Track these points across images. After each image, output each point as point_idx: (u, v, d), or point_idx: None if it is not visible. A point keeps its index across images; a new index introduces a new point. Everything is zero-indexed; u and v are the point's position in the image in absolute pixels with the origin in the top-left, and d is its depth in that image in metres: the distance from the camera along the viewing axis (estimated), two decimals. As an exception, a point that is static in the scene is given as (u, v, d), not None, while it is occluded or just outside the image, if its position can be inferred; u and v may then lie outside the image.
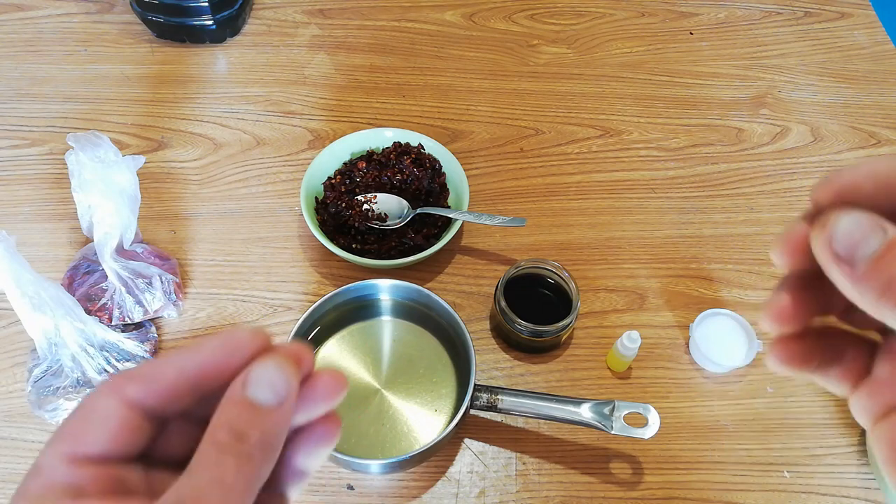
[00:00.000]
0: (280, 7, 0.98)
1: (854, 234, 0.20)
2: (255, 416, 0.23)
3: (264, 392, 0.23)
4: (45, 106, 0.86)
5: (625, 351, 0.65)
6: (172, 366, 0.24)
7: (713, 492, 0.62)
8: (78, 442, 0.24)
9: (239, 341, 0.24)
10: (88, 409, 0.24)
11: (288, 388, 0.23)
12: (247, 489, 0.23)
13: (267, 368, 0.23)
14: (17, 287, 0.57)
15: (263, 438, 0.23)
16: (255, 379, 0.23)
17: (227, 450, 0.22)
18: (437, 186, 0.76)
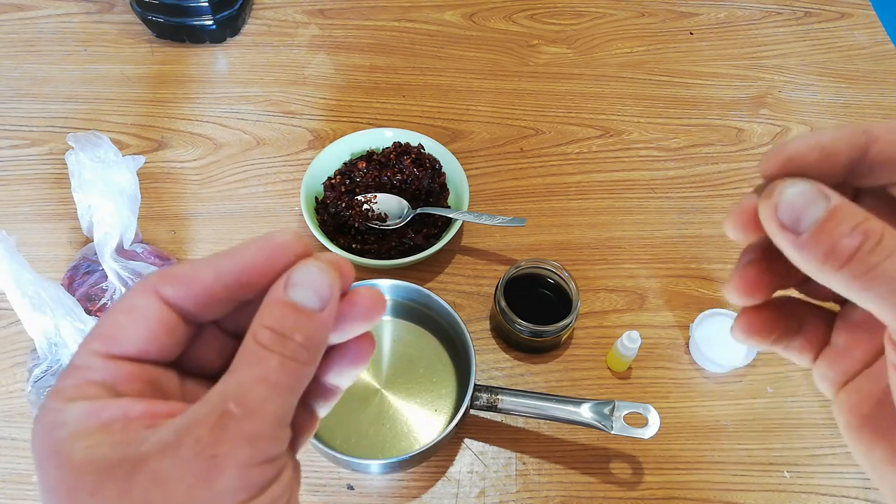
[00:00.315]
0: (280, 7, 0.98)
1: (798, 202, 0.21)
2: (299, 318, 0.22)
3: (307, 294, 0.22)
4: (45, 106, 0.86)
5: (625, 351, 0.65)
6: (211, 267, 0.23)
7: (713, 492, 0.62)
8: (114, 340, 0.23)
9: (280, 244, 0.24)
10: (125, 308, 0.23)
11: (330, 293, 0.23)
12: (291, 389, 0.22)
13: (310, 271, 0.23)
14: (17, 287, 0.57)
15: (306, 341, 0.22)
16: (297, 280, 0.23)
17: (271, 348, 0.22)
18: (437, 186, 0.76)
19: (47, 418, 0.22)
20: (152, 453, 0.21)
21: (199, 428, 0.21)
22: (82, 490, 0.21)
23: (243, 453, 0.21)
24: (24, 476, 0.62)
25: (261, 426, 0.21)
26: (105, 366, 0.23)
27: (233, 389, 0.21)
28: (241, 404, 0.21)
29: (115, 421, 0.22)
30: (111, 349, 0.23)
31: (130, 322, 0.23)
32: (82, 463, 0.21)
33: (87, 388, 0.22)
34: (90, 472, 0.21)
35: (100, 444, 0.21)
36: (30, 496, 0.61)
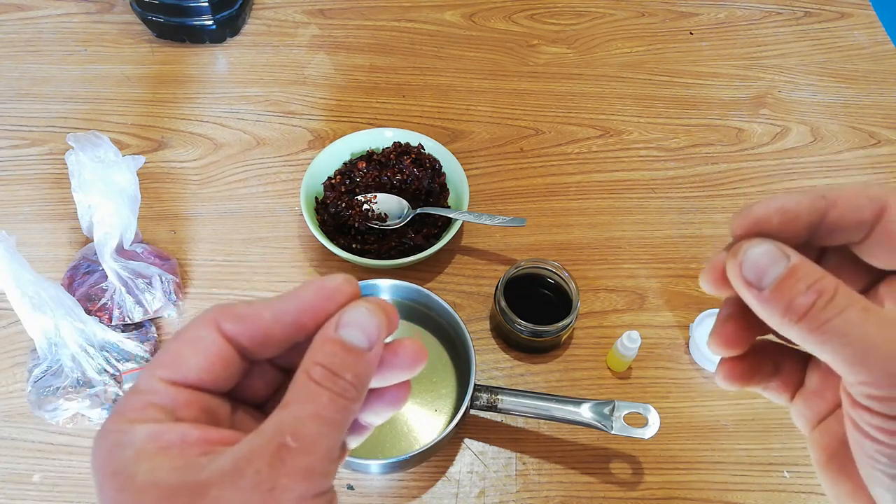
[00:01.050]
0: (280, 7, 0.98)
1: (761, 261, 0.23)
2: (348, 357, 0.23)
3: (356, 334, 0.24)
4: (45, 106, 0.86)
5: (625, 351, 0.65)
6: (270, 309, 0.25)
7: (713, 492, 0.62)
8: (177, 367, 0.24)
9: (333, 288, 0.25)
10: (188, 338, 0.25)
11: (378, 334, 0.24)
12: (340, 425, 0.23)
13: (360, 312, 0.24)
14: (17, 287, 0.57)
15: (354, 379, 0.23)
16: (348, 321, 0.24)
17: (323, 384, 0.23)
18: (437, 186, 0.76)
19: (110, 438, 0.23)
20: (213, 481, 0.22)
21: (257, 460, 0.22)
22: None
23: (300, 487, 0.22)
24: (24, 476, 0.62)
25: (315, 460, 0.22)
26: (167, 391, 0.24)
27: (288, 423, 0.23)
28: (297, 438, 0.22)
29: (174, 445, 0.23)
30: (173, 376, 0.24)
31: (192, 352, 0.25)
32: (144, 485, 0.22)
33: (149, 411, 0.24)
34: (152, 495, 0.22)
35: (161, 467, 0.22)
36: (30, 496, 0.61)
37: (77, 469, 0.62)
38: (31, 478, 0.62)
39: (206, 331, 0.25)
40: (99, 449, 0.23)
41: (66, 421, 0.63)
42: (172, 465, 0.22)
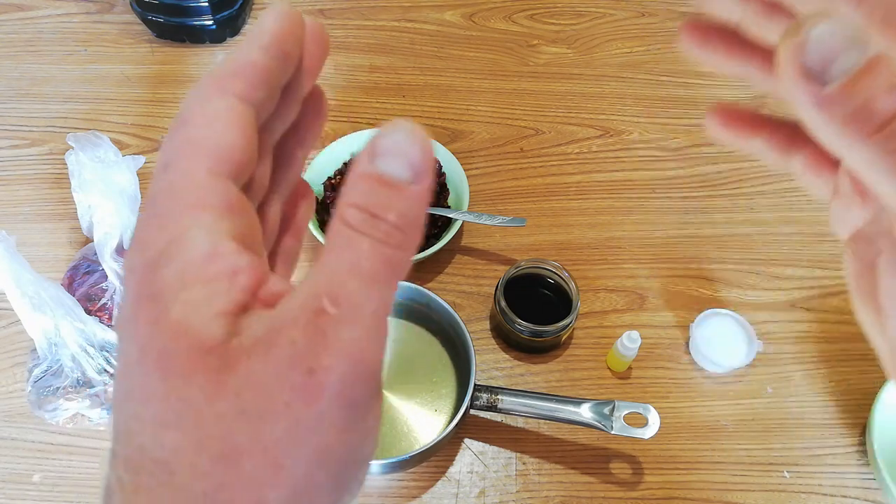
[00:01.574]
0: (280, 7, 0.98)
1: (831, 42, 0.17)
2: (390, 193, 0.19)
3: (396, 164, 0.19)
4: (45, 106, 0.86)
5: (625, 351, 0.65)
6: (256, 47, 0.20)
7: (713, 492, 0.62)
8: (218, 151, 0.19)
9: (290, 12, 0.21)
10: (208, 116, 0.19)
11: (424, 161, 0.19)
12: (389, 280, 0.19)
13: (397, 136, 0.19)
14: (17, 287, 0.57)
15: (401, 220, 0.18)
16: (384, 148, 0.19)
17: (361, 230, 0.18)
18: (437, 186, 0.76)
19: (156, 243, 0.18)
20: (245, 350, 0.18)
21: (292, 329, 0.18)
22: (173, 369, 0.18)
23: (344, 368, 0.18)
24: (24, 476, 0.62)
25: (361, 331, 0.18)
26: (216, 187, 0.19)
27: (325, 281, 0.18)
28: (336, 301, 0.18)
29: (222, 277, 0.18)
30: (219, 165, 0.19)
31: (223, 128, 0.19)
32: (178, 327, 0.18)
33: (205, 214, 0.19)
34: (181, 344, 0.18)
35: (200, 307, 0.18)
36: (30, 496, 0.61)
37: (77, 469, 0.62)
38: (31, 478, 0.62)
39: (221, 101, 0.20)
40: (138, 255, 0.19)
41: (66, 421, 0.63)
42: (214, 310, 0.18)
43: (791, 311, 0.73)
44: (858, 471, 0.64)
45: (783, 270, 0.76)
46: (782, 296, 0.74)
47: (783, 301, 0.73)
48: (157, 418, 0.18)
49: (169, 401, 0.18)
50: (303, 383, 0.17)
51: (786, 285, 0.75)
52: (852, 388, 0.68)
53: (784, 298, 0.74)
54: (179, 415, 0.17)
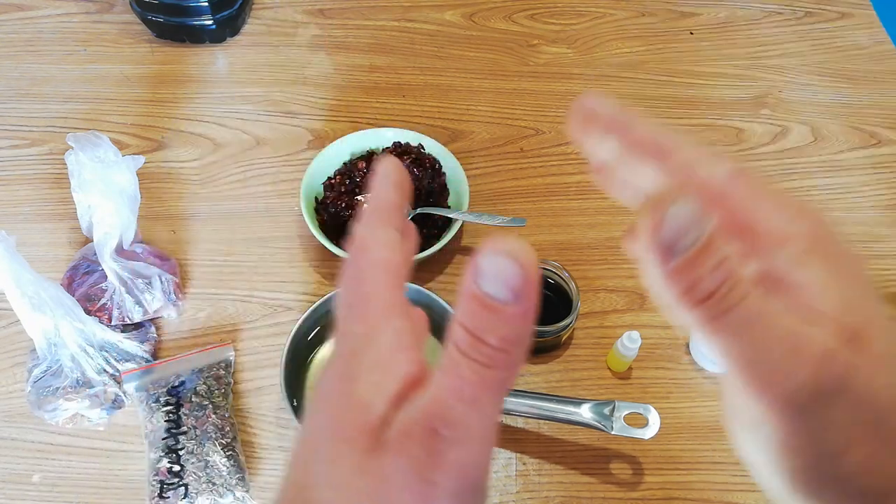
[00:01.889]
0: (280, 7, 0.98)
1: (681, 220, 0.19)
2: (492, 316, 0.19)
3: (499, 288, 0.19)
4: (44, 106, 0.86)
5: (625, 351, 0.64)
6: (390, 189, 0.26)
7: (713, 492, 0.62)
8: (396, 270, 0.24)
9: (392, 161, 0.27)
10: (383, 243, 0.24)
11: (524, 281, 0.19)
12: (492, 398, 0.20)
13: (496, 259, 0.19)
14: (16, 287, 0.57)
15: (502, 343, 0.19)
16: (486, 270, 0.19)
17: (465, 352, 0.19)
18: (437, 186, 0.76)
19: (356, 336, 0.23)
20: (387, 441, 0.20)
21: (415, 443, 0.20)
22: (346, 438, 0.21)
23: (454, 485, 0.20)
24: (24, 476, 0.62)
25: (469, 451, 0.20)
26: (399, 299, 0.24)
27: (436, 402, 0.20)
28: (448, 425, 0.20)
29: (399, 369, 0.22)
30: (397, 281, 0.24)
31: (393, 256, 0.24)
32: (359, 401, 0.22)
33: (393, 319, 0.23)
34: (358, 420, 0.21)
35: (378, 390, 0.22)
36: (29, 496, 0.61)
37: (76, 469, 0.62)
38: (31, 478, 0.62)
39: (388, 232, 0.25)
40: (343, 342, 0.23)
41: (66, 421, 0.63)
42: (387, 394, 0.21)
43: (791, 312, 0.73)
44: (859, 471, 0.63)
45: (783, 270, 0.75)
46: (782, 296, 0.74)
47: (783, 301, 0.73)
48: (324, 477, 0.22)
49: (335, 464, 0.21)
50: (420, 491, 0.20)
51: (786, 285, 0.74)
52: (853, 389, 0.68)
53: (784, 298, 0.73)
54: (337, 480, 0.21)
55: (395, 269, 0.24)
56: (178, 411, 0.62)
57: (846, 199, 0.82)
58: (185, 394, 0.63)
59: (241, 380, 0.67)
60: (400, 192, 0.26)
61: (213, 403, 0.63)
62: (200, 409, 0.62)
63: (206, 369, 0.65)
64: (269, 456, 0.63)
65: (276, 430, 0.64)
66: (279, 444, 0.64)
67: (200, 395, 0.63)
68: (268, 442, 0.64)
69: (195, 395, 0.63)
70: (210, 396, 0.63)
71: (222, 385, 0.64)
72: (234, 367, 0.67)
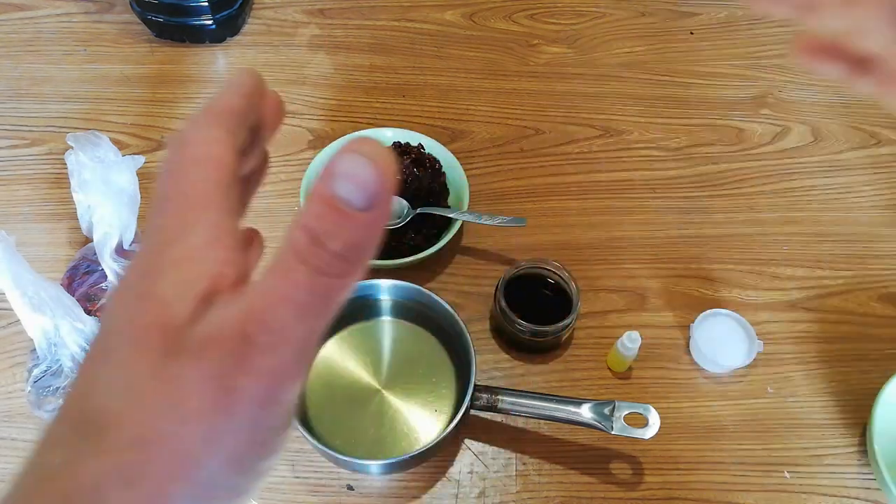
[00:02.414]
0: (280, 7, 0.98)
1: None
2: (340, 220, 0.18)
3: (353, 191, 0.18)
4: (44, 106, 0.86)
5: (625, 351, 0.64)
6: (234, 93, 0.23)
7: (714, 492, 0.62)
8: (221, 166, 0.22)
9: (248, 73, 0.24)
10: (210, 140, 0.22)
11: (381, 188, 0.18)
12: (322, 308, 0.19)
13: (355, 159, 0.18)
14: (16, 287, 0.57)
15: (345, 250, 0.18)
16: (342, 171, 0.18)
17: (302, 256, 0.18)
18: (437, 186, 0.76)
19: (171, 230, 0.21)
20: (189, 345, 0.19)
21: (220, 348, 0.19)
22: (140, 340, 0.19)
23: (260, 393, 0.19)
24: (24, 476, 0.62)
25: (282, 360, 0.19)
26: (222, 193, 0.21)
27: (259, 303, 0.19)
28: (264, 330, 0.19)
29: (211, 264, 0.20)
30: (223, 177, 0.22)
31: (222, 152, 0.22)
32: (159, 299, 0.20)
33: (210, 212, 0.21)
34: (156, 319, 0.19)
35: (183, 286, 0.20)
36: (29, 496, 0.61)
37: (77, 469, 0.62)
38: (31, 478, 0.62)
39: (217, 130, 0.22)
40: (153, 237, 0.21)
41: (66, 421, 0.63)
42: (193, 291, 0.19)
43: (791, 311, 0.73)
44: (859, 471, 0.64)
45: (783, 270, 0.76)
46: (782, 296, 0.74)
47: (783, 301, 0.73)
48: (112, 382, 0.19)
49: (126, 368, 0.19)
50: (220, 399, 0.19)
51: (786, 285, 0.75)
52: (853, 388, 0.68)
53: (784, 298, 0.74)
54: (127, 385, 0.19)
55: (219, 167, 0.21)
56: (178, 411, 0.62)
57: (846, 199, 0.82)
58: (185, 394, 0.63)
59: (241, 380, 0.67)
60: (245, 100, 0.23)
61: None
62: (200, 409, 0.62)
63: (206, 369, 0.65)
64: (269, 456, 0.63)
65: (276, 430, 0.64)
66: (279, 444, 0.64)
67: (200, 395, 0.63)
68: (268, 442, 0.64)
69: (195, 395, 0.63)
70: (210, 396, 0.63)
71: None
72: (234, 367, 0.67)
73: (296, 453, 0.63)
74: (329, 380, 0.64)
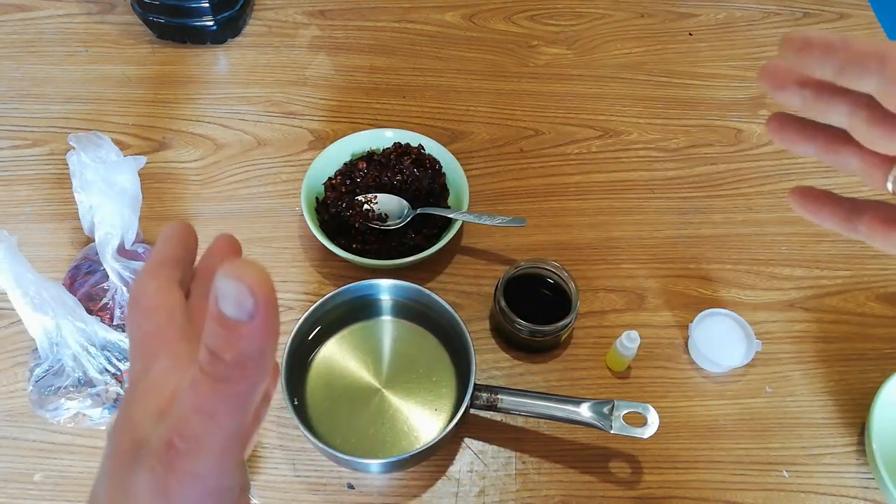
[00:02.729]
0: (280, 8, 0.98)
1: None
2: (227, 333, 0.20)
3: (231, 307, 0.20)
4: (46, 106, 0.86)
5: (624, 351, 0.65)
6: (168, 246, 0.29)
7: (712, 491, 0.63)
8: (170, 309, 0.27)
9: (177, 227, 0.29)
10: (157, 290, 0.27)
11: (257, 298, 0.20)
12: (231, 412, 0.21)
13: (227, 279, 0.19)
14: (18, 287, 0.57)
15: (237, 358, 0.20)
16: (221, 291, 0.20)
17: (205, 370, 0.21)
18: (437, 187, 0.76)
19: (137, 371, 0.26)
20: (140, 460, 0.23)
21: (155, 457, 0.22)
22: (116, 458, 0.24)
23: (192, 493, 0.22)
24: (25, 476, 0.62)
25: (203, 464, 0.21)
26: (175, 330, 0.27)
27: (176, 417, 0.22)
28: (184, 438, 0.21)
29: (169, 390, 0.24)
30: (171, 316, 0.27)
31: (166, 299, 0.27)
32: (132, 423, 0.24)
33: (172, 346, 0.26)
34: (126, 439, 0.24)
35: (147, 410, 0.24)
36: (30, 496, 0.61)
37: (78, 468, 0.62)
38: (33, 477, 0.62)
39: (156, 282, 0.28)
40: (131, 377, 0.26)
41: (68, 420, 0.63)
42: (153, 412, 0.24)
43: (790, 311, 0.73)
44: (857, 470, 0.64)
45: (782, 270, 0.76)
46: (781, 295, 0.74)
47: (782, 301, 0.74)
48: (103, 486, 0.24)
49: (107, 481, 0.24)
50: (158, 499, 0.22)
51: (784, 285, 0.75)
52: (851, 388, 0.68)
53: (783, 298, 0.74)
54: (107, 492, 0.24)
55: (167, 310, 0.27)
56: (179, 410, 0.62)
57: (844, 200, 0.82)
58: (186, 393, 0.63)
59: (241, 379, 0.67)
60: (176, 249, 0.29)
61: (214, 403, 0.63)
62: (201, 409, 0.63)
63: (207, 369, 0.65)
64: (269, 455, 0.63)
65: (276, 429, 0.65)
66: (280, 444, 0.64)
67: (201, 395, 0.63)
68: (268, 441, 0.64)
69: (196, 394, 0.63)
70: (211, 396, 0.63)
71: (223, 384, 0.65)
72: (234, 367, 0.67)
73: (296, 452, 0.63)
74: (329, 379, 0.64)
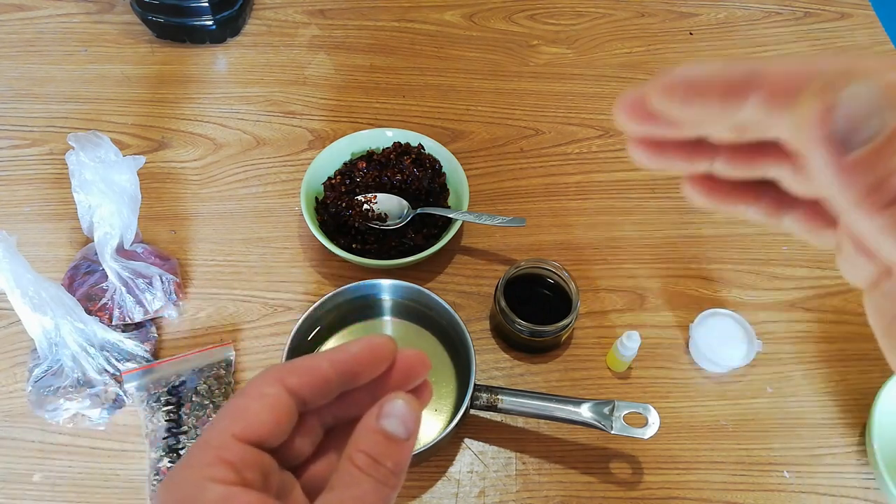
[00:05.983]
0: (280, 7, 0.98)
1: (856, 108, 0.16)
2: (389, 446, 0.25)
3: (396, 425, 0.26)
4: (45, 106, 0.86)
5: (624, 351, 0.65)
6: (327, 360, 0.27)
7: (713, 491, 0.62)
8: (248, 422, 0.26)
9: (379, 344, 0.28)
10: (255, 394, 0.26)
11: (415, 425, 0.26)
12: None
13: (399, 404, 0.26)
14: (17, 287, 0.57)
15: (395, 467, 0.26)
16: (388, 411, 0.26)
17: (367, 471, 0.25)
18: (437, 186, 0.76)
19: (183, 490, 0.24)
20: None
21: None
22: None
23: None
24: (25, 476, 0.62)
25: None
26: (236, 448, 0.25)
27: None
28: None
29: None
30: (245, 432, 0.25)
31: (261, 407, 0.26)
32: None
33: (220, 468, 0.25)
34: None
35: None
36: (30, 496, 0.61)
37: (77, 469, 0.62)
38: (32, 477, 0.62)
39: (272, 388, 0.26)
40: (168, 497, 0.25)
41: (67, 421, 0.63)
42: None
43: (790, 311, 0.73)
44: (858, 470, 0.64)
45: (783, 270, 0.76)
46: (782, 296, 0.74)
47: (783, 301, 0.74)
48: None
49: None
50: None
51: (785, 285, 0.75)
52: (852, 388, 0.68)
53: (784, 298, 0.74)
54: None
55: (249, 424, 0.26)
56: (178, 411, 0.62)
57: (845, 200, 0.82)
58: (185, 393, 0.63)
59: (241, 379, 0.67)
60: (335, 370, 0.28)
61: (214, 403, 0.63)
62: (201, 409, 0.63)
63: (207, 369, 0.65)
64: (269, 455, 0.63)
65: (276, 429, 0.65)
66: (279, 444, 0.64)
67: (201, 395, 0.63)
68: (268, 441, 0.64)
69: (196, 394, 0.63)
70: (211, 396, 0.63)
71: (223, 385, 0.65)
72: (234, 367, 0.67)
73: (296, 453, 0.63)
74: (329, 379, 0.64)
